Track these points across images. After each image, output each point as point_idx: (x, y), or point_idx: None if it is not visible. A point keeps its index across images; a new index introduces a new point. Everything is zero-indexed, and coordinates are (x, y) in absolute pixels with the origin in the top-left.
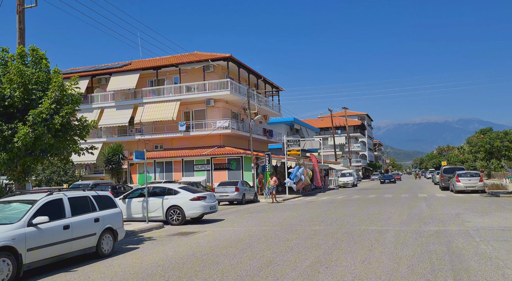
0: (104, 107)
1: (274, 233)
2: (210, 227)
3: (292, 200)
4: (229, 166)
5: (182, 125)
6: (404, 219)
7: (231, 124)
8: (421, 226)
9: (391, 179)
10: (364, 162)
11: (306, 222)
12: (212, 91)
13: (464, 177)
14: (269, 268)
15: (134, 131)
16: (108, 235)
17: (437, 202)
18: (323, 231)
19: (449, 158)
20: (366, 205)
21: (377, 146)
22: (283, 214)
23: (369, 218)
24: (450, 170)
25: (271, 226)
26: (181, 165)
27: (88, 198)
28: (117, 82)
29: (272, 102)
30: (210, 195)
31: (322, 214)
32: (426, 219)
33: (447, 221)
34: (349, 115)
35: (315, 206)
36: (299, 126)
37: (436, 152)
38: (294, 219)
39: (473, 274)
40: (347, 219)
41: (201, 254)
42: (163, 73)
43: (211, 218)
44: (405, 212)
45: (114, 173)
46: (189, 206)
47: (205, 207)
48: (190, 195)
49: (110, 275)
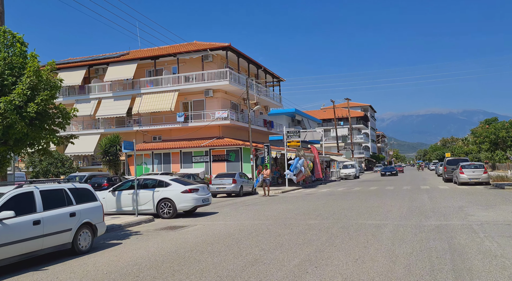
0: (102, 98)
1: (267, 228)
2: (201, 220)
3: (291, 192)
4: (228, 157)
5: (180, 116)
6: (404, 212)
7: (230, 115)
8: (421, 220)
9: (393, 171)
10: (367, 153)
11: (301, 216)
12: (210, 81)
13: (468, 168)
14: (254, 267)
15: (132, 122)
16: (86, 231)
17: (440, 195)
18: (318, 225)
19: (453, 149)
20: (366, 198)
21: (380, 137)
22: (279, 207)
23: (368, 211)
24: (454, 161)
25: (265, 220)
26: (180, 157)
27: (63, 191)
28: (115, 72)
29: (272, 93)
30: (202, 188)
31: (319, 207)
32: (427, 212)
33: (449, 215)
34: (352, 107)
35: (313, 199)
36: (301, 117)
37: (440, 144)
38: (290, 212)
39: (476, 275)
40: (345, 212)
41: (185, 250)
42: (161, 63)
43: (204, 211)
44: (406, 205)
45: (112, 165)
46: (181, 198)
47: (197, 199)
48: (182, 187)
49: (81, 275)
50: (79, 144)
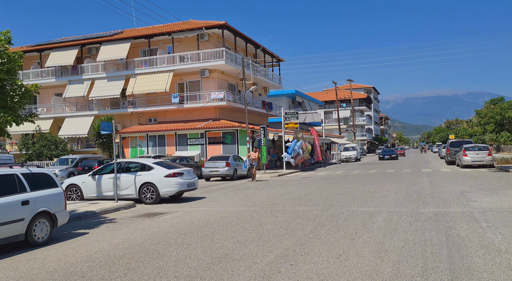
0: (95, 79)
1: (250, 215)
2: (184, 206)
3: (287, 176)
4: (224, 140)
5: (175, 97)
6: (401, 198)
7: (226, 96)
8: (418, 207)
9: (392, 154)
10: (369, 136)
11: (291, 202)
12: (206, 61)
13: (472, 150)
14: (220, 265)
15: (126, 104)
16: (42, 221)
17: (441, 178)
18: (306, 212)
19: (457, 131)
20: (363, 182)
21: (383, 119)
22: (270, 192)
23: (363, 196)
24: (457, 143)
25: (251, 206)
26: (175, 139)
27: (15, 176)
28: (108, 52)
29: (272, 74)
30: (188, 171)
31: (312, 192)
32: (425, 198)
33: (450, 201)
34: (355, 88)
35: (309, 183)
36: (301, 99)
37: (444, 126)
38: (280, 197)
39: (476, 276)
40: (338, 197)
41: (152, 243)
42: (155, 42)
43: (191, 196)
44: (404, 189)
45: (106, 147)
46: (164, 183)
47: (182, 184)
48: (165, 171)
49: (22, 273)
50: (72, 126)
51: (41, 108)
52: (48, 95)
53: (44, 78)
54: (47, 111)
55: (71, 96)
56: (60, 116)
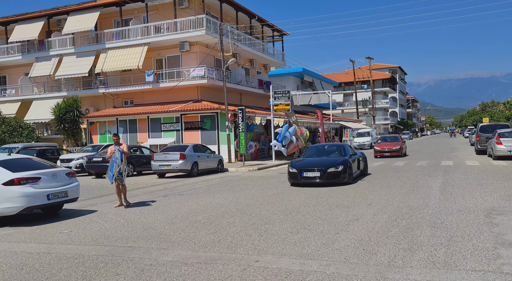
0: (63, 55)
1: (98, 260)
2: (28, 231)
3: (269, 170)
4: (203, 125)
5: (149, 74)
6: (377, 227)
7: (208, 73)
8: (393, 260)
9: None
10: (393, 119)
11: (197, 226)
12: (185, 32)
13: (508, 137)
14: None
15: (98, 84)
16: None
17: (461, 179)
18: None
19: (493, 114)
20: (344, 187)
21: (410, 102)
22: (204, 201)
23: (313, 222)
24: (490, 128)
25: (131, 233)
26: (147, 124)
27: None
28: (74, 23)
29: (273, 49)
30: (51, 175)
31: (253, 206)
32: (420, 228)
33: (461, 241)
34: (379, 68)
35: (278, 183)
36: (311, 78)
37: (479, 108)
38: (205, 212)
39: None
40: (277, 219)
41: None
42: (130, 11)
43: (81, 209)
44: (395, 203)
45: (70, 134)
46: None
47: (34, 196)
48: (5, 175)
49: None
50: (40, 110)
51: (9, 90)
52: (17, 74)
53: (11, 55)
54: (15, 93)
55: (37, 75)
56: (28, 98)
